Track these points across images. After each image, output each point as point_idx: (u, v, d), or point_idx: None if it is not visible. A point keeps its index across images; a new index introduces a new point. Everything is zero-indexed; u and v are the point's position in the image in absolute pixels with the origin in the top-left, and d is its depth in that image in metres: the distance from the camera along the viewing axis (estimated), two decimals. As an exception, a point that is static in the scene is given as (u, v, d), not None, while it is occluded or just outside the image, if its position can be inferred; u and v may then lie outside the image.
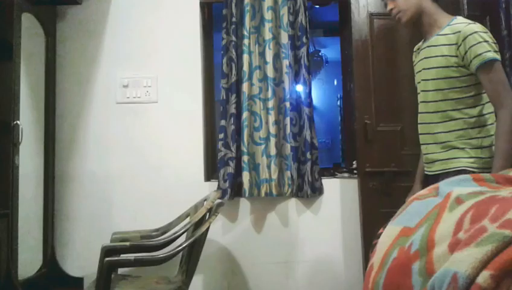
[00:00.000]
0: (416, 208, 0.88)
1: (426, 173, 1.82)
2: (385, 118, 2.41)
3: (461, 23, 1.64)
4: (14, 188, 2.02)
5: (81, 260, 2.48)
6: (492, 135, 1.63)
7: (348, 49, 2.76)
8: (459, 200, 0.77)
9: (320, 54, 5.76)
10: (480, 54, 1.56)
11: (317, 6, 3.30)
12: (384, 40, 2.45)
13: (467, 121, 1.65)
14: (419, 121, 1.81)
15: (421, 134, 1.81)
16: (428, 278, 0.66)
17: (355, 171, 2.56)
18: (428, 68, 1.72)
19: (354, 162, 2.60)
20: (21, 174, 2.08)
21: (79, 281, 2.43)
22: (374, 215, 2.30)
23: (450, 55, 1.64)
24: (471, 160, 1.63)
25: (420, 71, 1.79)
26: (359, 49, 2.45)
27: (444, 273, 0.62)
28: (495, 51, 1.58)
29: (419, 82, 1.81)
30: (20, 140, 2.06)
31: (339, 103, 5.77)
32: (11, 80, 2.05)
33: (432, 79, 1.70)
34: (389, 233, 0.87)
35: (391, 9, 1.77)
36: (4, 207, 1.96)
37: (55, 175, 2.51)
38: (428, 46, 1.74)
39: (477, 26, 1.62)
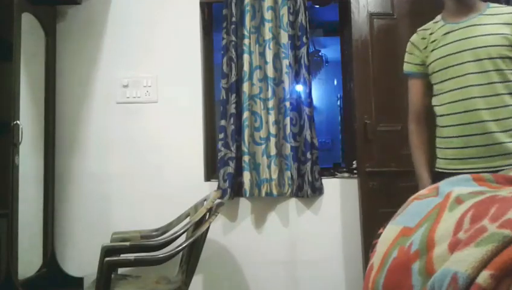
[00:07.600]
0: (416, 208, 0.89)
1: (460, 171, 1.56)
2: (385, 118, 2.40)
3: (507, 7, 1.71)
4: (14, 188, 2.02)
5: (81, 260, 2.49)
6: None
7: (348, 49, 2.76)
8: (459, 200, 0.78)
9: (320, 54, 5.76)
10: None
11: (317, 6, 3.31)
12: (384, 40, 2.45)
13: None
14: (459, 110, 1.62)
15: (461, 124, 1.61)
16: (429, 278, 0.66)
17: (355, 171, 2.56)
18: (480, 47, 1.60)
19: (354, 162, 2.60)
20: (21, 174, 2.08)
21: (79, 281, 2.43)
22: (374, 215, 2.30)
23: (509, 34, 1.58)
24: None
25: (458, 52, 1.63)
26: (359, 49, 2.45)
27: (444, 273, 0.62)
28: None
29: (456, 64, 1.63)
30: (20, 140, 2.06)
31: (339, 103, 5.77)
32: (11, 80, 2.05)
33: (490, 58, 1.58)
34: (389, 233, 0.87)
35: None
36: (4, 207, 1.97)
37: (55, 175, 2.51)
38: (468, 26, 1.64)
39: None
